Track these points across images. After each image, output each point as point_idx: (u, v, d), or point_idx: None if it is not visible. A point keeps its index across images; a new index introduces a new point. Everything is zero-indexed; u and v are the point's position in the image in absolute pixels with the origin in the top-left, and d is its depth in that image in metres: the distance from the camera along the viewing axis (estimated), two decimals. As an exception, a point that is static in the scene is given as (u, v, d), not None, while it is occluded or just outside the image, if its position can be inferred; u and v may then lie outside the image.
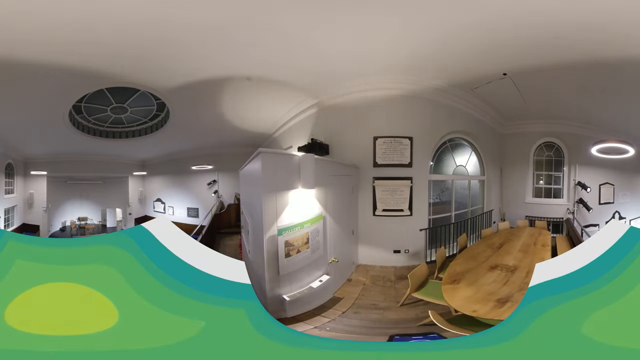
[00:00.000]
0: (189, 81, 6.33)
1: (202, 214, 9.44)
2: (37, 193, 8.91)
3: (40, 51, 5.14)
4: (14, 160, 8.40)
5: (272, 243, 4.70)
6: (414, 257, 6.85)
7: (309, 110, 7.38)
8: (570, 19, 4.49)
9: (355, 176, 6.90)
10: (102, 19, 4.56)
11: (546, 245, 6.15)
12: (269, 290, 4.66)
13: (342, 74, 6.33)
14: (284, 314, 4.72)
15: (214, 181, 9.44)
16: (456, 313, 4.27)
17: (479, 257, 5.65)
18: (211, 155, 9.31)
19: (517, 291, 4.18)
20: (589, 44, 5.04)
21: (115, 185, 9.91)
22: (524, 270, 4.90)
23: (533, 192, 8.54)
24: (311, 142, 6.93)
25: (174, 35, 5.00)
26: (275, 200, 4.76)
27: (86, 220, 9.96)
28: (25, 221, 8.77)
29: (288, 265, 4.83)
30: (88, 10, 4.39)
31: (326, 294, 5.38)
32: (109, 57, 5.51)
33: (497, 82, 6.46)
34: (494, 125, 8.24)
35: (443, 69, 6.18)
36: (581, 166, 8.17)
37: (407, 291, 5.22)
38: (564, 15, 4.43)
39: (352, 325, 4.81)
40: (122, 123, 8.09)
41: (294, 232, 4.92)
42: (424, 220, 7.05)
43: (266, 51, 5.46)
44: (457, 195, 7.87)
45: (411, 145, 6.84)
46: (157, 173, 9.86)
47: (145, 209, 9.99)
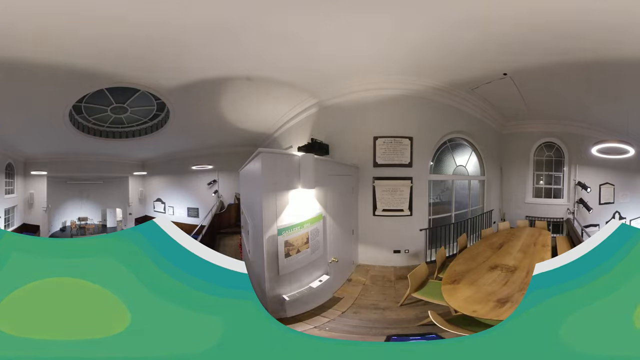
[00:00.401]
0: (189, 81, 6.33)
1: (202, 214, 9.44)
2: (37, 193, 8.92)
3: (40, 51, 5.14)
4: (14, 160, 8.41)
5: (272, 243, 4.70)
6: (413, 257, 6.85)
7: (309, 110, 7.38)
8: (571, 18, 4.49)
9: (355, 176, 6.90)
10: (103, 18, 4.56)
11: (546, 246, 6.15)
12: (269, 290, 4.66)
13: (342, 74, 6.33)
14: (284, 314, 4.72)
15: (214, 181, 9.45)
16: (456, 313, 4.27)
17: (479, 257, 5.65)
18: (211, 155, 9.31)
19: (517, 291, 4.17)
20: (589, 43, 5.04)
21: (116, 185, 9.91)
22: (524, 270, 4.89)
23: (533, 192, 8.54)
24: (311, 142, 6.93)
25: (174, 35, 5.00)
26: (275, 200, 4.76)
27: (86, 220, 9.96)
28: (26, 221, 8.78)
29: (288, 265, 4.83)
30: (89, 10, 4.39)
31: (326, 293, 5.39)
32: (110, 57, 5.51)
33: (497, 82, 6.45)
34: (494, 125, 8.24)
35: (443, 69, 6.18)
36: (581, 166, 8.17)
37: (406, 291, 5.22)
38: (564, 14, 4.43)
39: (351, 325, 4.81)
40: (122, 123, 8.10)
41: (294, 232, 4.92)
42: (424, 220, 7.05)
43: (266, 51, 5.46)
44: (457, 196, 7.87)
45: (411, 145, 6.83)
46: (157, 173, 9.86)
47: (146, 209, 10.00)
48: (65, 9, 4.32)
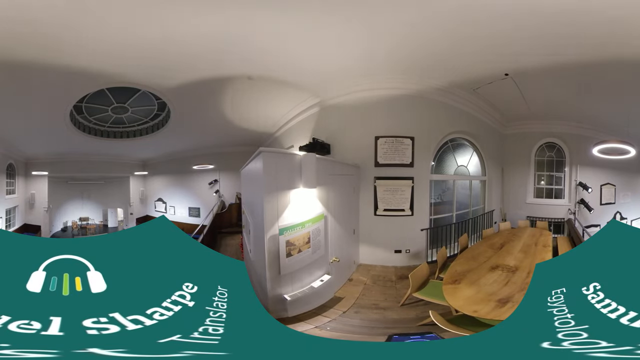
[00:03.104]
0: (189, 80, 6.33)
1: (203, 214, 9.46)
2: (39, 193, 8.93)
3: (40, 52, 5.14)
4: (16, 160, 8.42)
5: (274, 243, 4.68)
6: (414, 257, 6.85)
7: (310, 109, 7.38)
8: (572, 19, 4.49)
9: (357, 176, 6.90)
10: (102, 18, 4.56)
11: (547, 246, 6.14)
12: (270, 290, 4.65)
13: (344, 74, 6.33)
14: (285, 314, 4.71)
15: (215, 180, 9.46)
16: (457, 313, 4.26)
17: (480, 257, 5.64)
18: (212, 155, 9.33)
19: (518, 291, 4.16)
20: (590, 43, 5.03)
21: (117, 185, 9.93)
22: (525, 270, 4.89)
23: (534, 193, 8.55)
24: (313, 142, 6.93)
25: (175, 35, 5.00)
26: (276, 199, 4.75)
27: (87, 220, 9.98)
28: (27, 221, 8.79)
29: (289, 265, 4.82)
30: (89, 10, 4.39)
31: (327, 293, 5.38)
32: (111, 57, 5.51)
33: (499, 82, 6.45)
34: (495, 126, 8.24)
35: (445, 69, 6.18)
36: (582, 167, 8.19)
37: (407, 291, 5.22)
38: (565, 15, 4.43)
39: (352, 325, 4.80)
40: (123, 123, 8.10)
41: (295, 232, 4.90)
42: (425, 220, 7.05)
43: (267, 50, 5.45)
44: (458, 196, 7.87)
45: (412, 145, 6.83)
46: (159, 173, 9.89)
47: (147, 208, 10.01)
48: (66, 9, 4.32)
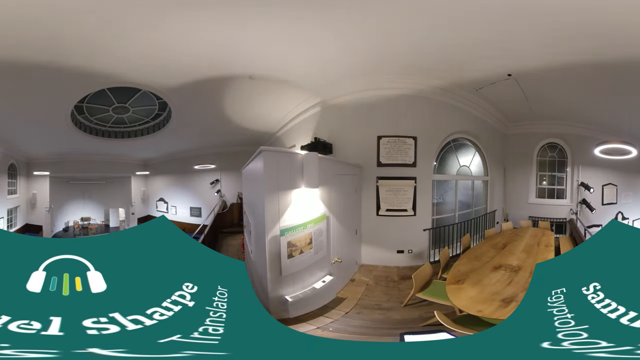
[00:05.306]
0: (190, 80, 6.31)
1: (204, 214, 9.46)
2: (40, 193, 8.95)
3: (40, 52, 5.13)
4: (17, 160, 8.42)
5: (275, 244, 4.62)
6: (417, 257, 6.83)
7: (312, 109, 7.36)
8: (575, 19, 4.47)
9: (359, 176, 6.87)
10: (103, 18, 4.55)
11: (549, 246, 6.12)
12: (271, 291, 4.61)
13: (346, 73, 6.30)
14: (287, 315, 4.67)
15: (217, 180, 9.46)
16: (461, 313, 4.25)
17: (483, 257, 5.62)
18: (213, 155, 9.33)
19: (522, 291, 4.14)
20: (591, 44, 5.01)
21: (118, 185, 9.95)
22: (528, 270, 4.87)
23: (536, 193, 8.53)
24: (314, 141, 6.90)
25: (175, 35, 4.99)
26: (277, 199, 4.67)
27: (89, 220, 10.00)
28: (28, 221, 8.80)
29: (290, 267, 4.76)
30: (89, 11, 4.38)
31: (329, 294, 5.34)
32: (110, 57, 5.50)
33: (502, 82, 6.43)
34: (497, 126, 8.22)
35: (447, 69, 6.15)
36: (584, 167, 8.17)
37: (410, 291, 5.19)
38: (569, 16, 4.41)
39: (355, 325, 4.77)
40: (124, 123, 8.10)
41: (297, 233, 4.84)
42: (428, 220, 7.03)
43: (269, 49, 5.44)
44: (461, 196, 7.84)
45: (415, 145, 6.81)
46: (160, 173, 9.90)
47: (148, 208, 10.02)
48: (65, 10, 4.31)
